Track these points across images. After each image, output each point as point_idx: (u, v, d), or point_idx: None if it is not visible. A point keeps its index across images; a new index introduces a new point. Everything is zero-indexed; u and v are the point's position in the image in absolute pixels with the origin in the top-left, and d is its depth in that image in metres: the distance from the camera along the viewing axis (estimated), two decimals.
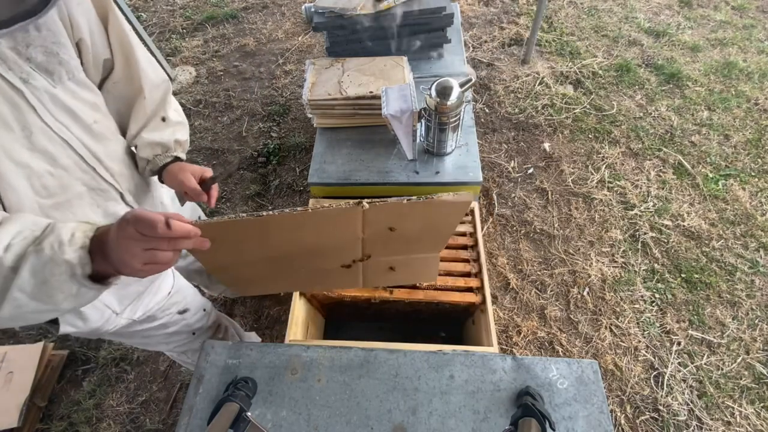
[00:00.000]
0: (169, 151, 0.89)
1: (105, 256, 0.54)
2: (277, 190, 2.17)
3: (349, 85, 1.38)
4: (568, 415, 0.71)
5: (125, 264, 0.53)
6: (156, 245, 0.52)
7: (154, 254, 0.53)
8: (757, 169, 2.09)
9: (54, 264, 0.53)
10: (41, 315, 0.58)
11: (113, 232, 0.53)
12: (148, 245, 0.52)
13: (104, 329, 0.87)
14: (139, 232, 0.51)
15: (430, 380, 0.75)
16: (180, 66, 2.82)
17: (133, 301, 0.90)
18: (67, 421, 1.56)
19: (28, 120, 0.63)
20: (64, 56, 0.68)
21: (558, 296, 1.77)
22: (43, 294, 0.54)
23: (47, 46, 0.65)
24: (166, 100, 0.89)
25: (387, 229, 0.74)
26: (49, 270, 0.53)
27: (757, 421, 1.46)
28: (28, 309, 0.55)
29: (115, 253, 0.53)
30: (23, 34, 0.62)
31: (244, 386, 0.72)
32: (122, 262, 0.53)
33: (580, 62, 2.59)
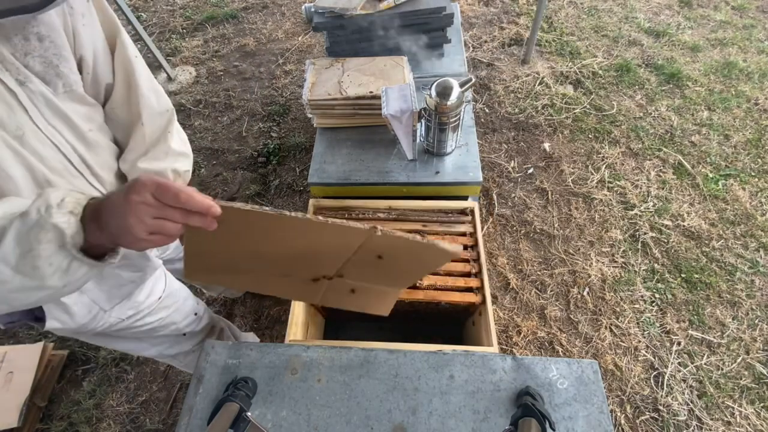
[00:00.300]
0: None
1: (102, 225, 0.51)
2: (277, 190, 2.17)
3: (349, 85, 1.38)
4: (568, 415, 0.71)
5: (129, 230, 0.49)
6: (168, 215, 0.50)
7: (163, 224, 0.50)
8: (757, 169, 2.09)
9: (40, 228, 0.49)
10: (27, 294, 0.54)
11: (119, 196, 0.50)
12: (160, 213, 0.49)
13: (91, 326, 0.85)
14: (157, 198, 0.49)
15: (430, 380, 0.75)
16: (180, 66, 2.82)
17: (123, 299, 0.89)
18: (67, 421, 1.56)
19: (20, 121, 0.62)
20: (64, 69, 0.67)
21: (558, 296, 1.77)
22: (28, 266, 0.51)
23: (47, 57, 0.64)
24: (168, 129, 0.86)
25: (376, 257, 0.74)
26: (35, 235, 0.49)
27: (757, 421, 1.46)
28: (12, 285, 0.52)
29: (119, 218, 0.49)
30: (23, 42, 0.61)
31: (244, 386, 0.72)
32: (126, 229, 0.49)
33: (580, 62, 2.59)
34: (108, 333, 0.92)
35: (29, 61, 0.62)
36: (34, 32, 0.62)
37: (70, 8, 0.66)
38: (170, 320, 1.05)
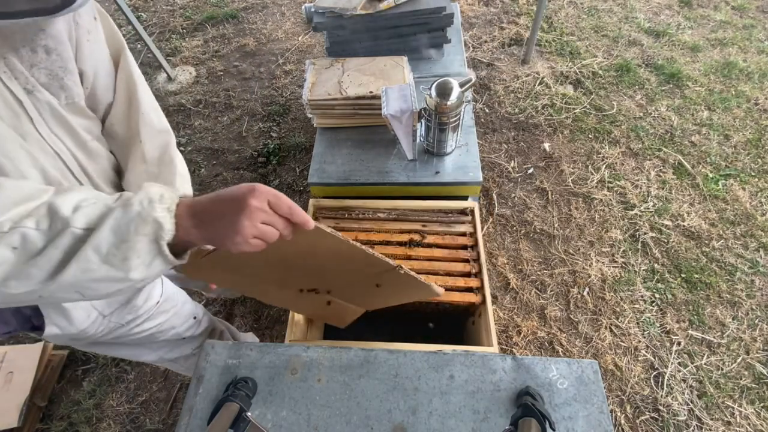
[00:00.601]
0: None
1: (202, 223, 0.53)
2: (277, 190, 2.17)
3: (349, 85, 1.38)
4: (568, 415, 0.71)
5: (240, 231, 0.52)
6: (275, 223, 0.54)
7: (268, 230, 0.54)
8: (757, 169, 2.09)
9: (141, 221, 0.51)
10: (106, 285, 0.54)
11: (232, 198, 0.53)
12: (269, 220, 0.54)
13: (90, 332, 0.85)
14: (271, 206, 0.53)
15: (430, 380, 0.75)
16: (180, 66, 2.82)
17: (121, 305, 0.89)
18: (67, 421, 1.56)
19: (24, 129, 0.63)
20: (68, 82, 0.67)
21: (558, 296, 1.77)
22: (119, 256, 0.51)
23: (53, 69, 0.65)
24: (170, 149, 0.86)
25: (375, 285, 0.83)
26: (134, 227, 0.51)
27: (757, 421, 1.46)
28: (95, 275, 0.52)
29: (231, 219, 0.52)
30: (30, 53, 0.61)
31: (244, 386, 0.72)
32: (237, 230, 0.52)
33: (580, 62, 2.59)
34: (107, 340, 0.92)
35: (34, 72, 0.63)
36: (42, 45, 0.62)
37: (76, 23, 0.66)
38: (169, 324, 1.04)
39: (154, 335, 1.01)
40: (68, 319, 0.79)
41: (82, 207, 0.51)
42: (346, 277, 0.81)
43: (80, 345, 0.91)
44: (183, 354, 1.18)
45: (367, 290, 0.89)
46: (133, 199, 0.52)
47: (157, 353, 1.12)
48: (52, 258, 0.50)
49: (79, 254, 0.50)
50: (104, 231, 0.50)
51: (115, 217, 0.51)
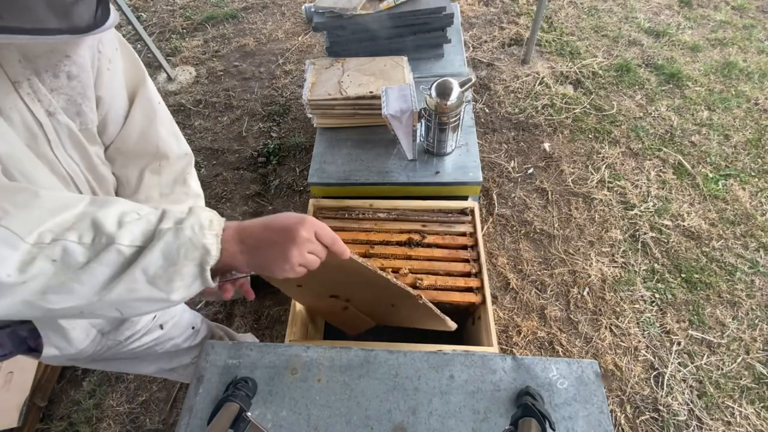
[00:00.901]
0: None
1: (248, 250, 0.56)
2: (277, 190, 2.17)
3: (349, 85, 1.38)
4: (568, 415, 0.71)
5: (288, 260, 0.55)
6: (318, 252, 0.58)
7: (311, 259, 0.58)
8: (757, 169, 2.09)
9: (192, 246, 0.52)
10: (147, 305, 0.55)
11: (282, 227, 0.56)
12: (313, 250, 0.57)
13: (89, 351, 0.84)
14: (318, 237, 0.57)
15: (430, 380, 0.75)
16: (180, 66, 2.82)
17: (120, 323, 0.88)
18: (67, 421, 1.56)
19: (40, 150, 0.63)
20: (85, 108, 0.67)
21: (558, 296, 1.77)
22: (164, 279, 0.52)
23: (72, 96, 0.65)
24: (187, 171, 0.87)
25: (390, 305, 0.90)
26: (184, 252, 0.51)
27: (757, 421, 1.46)
28: (138, 295, 0.52)
29: (280, 248, 0.55)
30: (52, 78, 0.61)
31: (244, 386, 0.72)
32: (285, 258, 0.55)
33: (580, 62, 2.59)
34: (105, 356, 0.91)
35: (54, 97, 0.63)
36: (66, 70, 0.62)
37: (99, 51, 0.67)
38: (167, 336, 1.03)
39: (153, 348, 1.01)
40: (67, 339, 0.78)
41: (125, 222, 0.51)
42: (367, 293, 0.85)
43: (78, 363, 0.90)
44: (182, 364, 1.17)
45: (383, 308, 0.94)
46: (185, 223, 0.53)
47: (155, 365, 1.11)
48: (96, 274, 0.50)
49: (127, 274, 0.50)
50: (154, 253, 0.51)
51: (166, 241, 0.51)
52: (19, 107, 0.58)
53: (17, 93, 0.58)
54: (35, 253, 0.47)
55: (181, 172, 0.86)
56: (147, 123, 0.79)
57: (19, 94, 0.58)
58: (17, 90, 0.58)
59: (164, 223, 0.53)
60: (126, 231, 0.51)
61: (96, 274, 0.50)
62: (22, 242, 0.46)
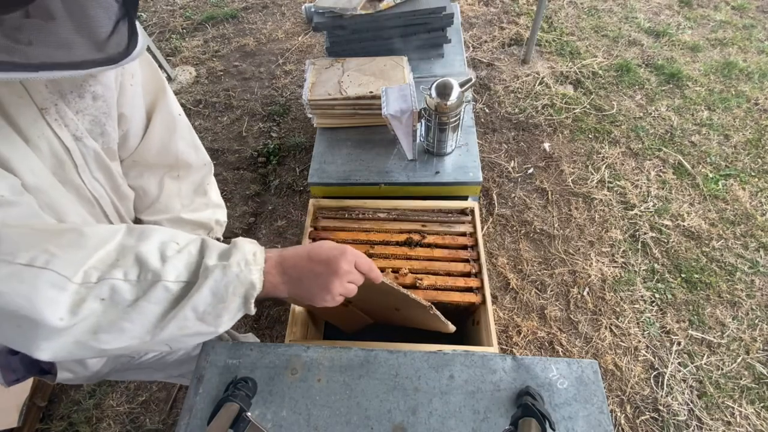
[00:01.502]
0: (211, 233, 0.88)
1: (291, 281, 0.57)
2: (277, 190, 2.17)
3: (349, 85, 1.38)
4: (568, 415, 0.71)
5: (330, 291, 0.58)
6: (356, 281, 0.60)
7: (350, 287, 0.60)
8: (757, 169, 2.09)
9: (239, 283, 0.52)
10: (192, 339, 0.55)
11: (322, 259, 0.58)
12: (352, 279, 0.60)
13: (103, 372, 0.85)
14: (358, 268, 0.60)
15: (430, 380, 0.75)
16: (180, 66, 2.82)
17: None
18: (67, 421, 1.56)
19: (66, 176, 0.62)
20: (108, 128, 0.67)
21: (558, 296, 1.77)
22: (213, 315, 0.53)
23: (97, 116, 0.64)
24: (207, 181, 0.88)
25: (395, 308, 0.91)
26: (232, 289, 0.52)
27: (757, 421, 1.46)
28: (188, 331, 0.52)
29: (322, 279, 0.57)
30: (77, 99, 0.61)
31: (244, 386, 0.72)
32: (328, 290, 0.57)
33: (580, 62, 2.59)
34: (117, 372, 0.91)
35: (79, 118, 0.62)
36: (91, 90, 0.62)
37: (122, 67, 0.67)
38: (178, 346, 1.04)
39: (164, 358, 1.01)
40: (82, 364, 0.78)
41: (168, 256, 0.52)
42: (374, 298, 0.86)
43: (92, 381, 0.90)
44: (190, 369, 1.17)
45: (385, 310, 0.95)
46: (231, 259, 0.53)
47: (165, 372, 1.11)
48: (146, 312, 0.50)
49: (178, 312, 0.50)
50: (204, 292, 0.51)
51: (215, 279, 0.51)
52: (46, 135, 0.58)
53: (44, 120, 0.57)
54: (84, 293, 0.47)
55: (200, 183, 0.87)
56: (167, 136, 0.79)
57: (46, 121, 0.57)
58: (44, 117, 0.57)
59: (208, 258, 0.53)
60: (170, 266, 0.51)
61: (145, 312, 0.50)
62: (70, 283, 0.46)
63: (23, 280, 0.44)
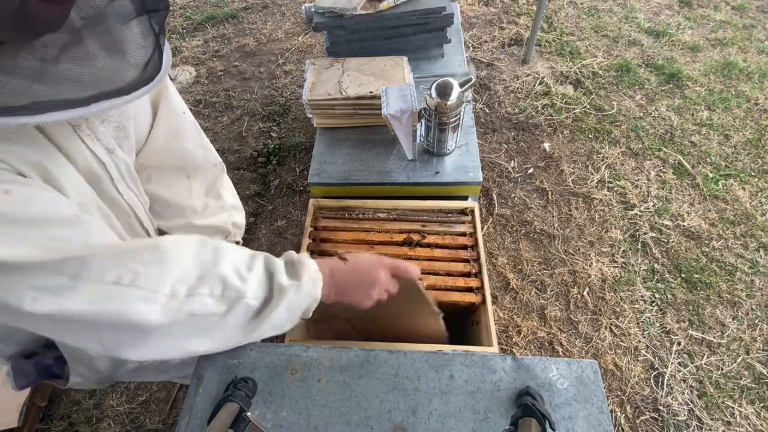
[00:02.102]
0: (229, 237, 0.88)
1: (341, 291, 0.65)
2: (277, 190, 2.17)
3: (349, 85, 1.38)
4: (568, 415, 0.71)
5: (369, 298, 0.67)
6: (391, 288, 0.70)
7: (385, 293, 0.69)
8: (757, 169, 2.09)
9: (310, 299, 0.60)
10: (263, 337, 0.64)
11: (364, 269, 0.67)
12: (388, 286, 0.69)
13: (113, 376, 0.85)
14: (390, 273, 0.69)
15: (430, 380, 0.75)
16: (180, 66, 2.82)
17: None
18: (67, 421, 1.56)
19: (104, 190, 0.63)
20: (131, 131, 0.68)
21: (558, 296, 1.77)
22: (286, 326, 0.62)
23: (121, 122, 0.65)
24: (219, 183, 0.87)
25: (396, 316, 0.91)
26: (303, 304, 0.60)
27: (757, 421, 1.46)
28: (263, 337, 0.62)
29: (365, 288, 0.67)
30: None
31: (244, 386, 0.72)
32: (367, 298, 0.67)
33: (580, 62, 2.59)
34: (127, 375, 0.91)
35: (105, 127, 0.62)
36: None
37: None
38: None
39: (170, 360, 1.00)
40: (93, 368, 0.78)
41: (244, 276, 0.57)
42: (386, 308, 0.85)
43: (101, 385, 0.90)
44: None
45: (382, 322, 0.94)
46: (303, 279, 0.60)
47: (169, 374, 1.11)
48: (231, 324, 0.57)
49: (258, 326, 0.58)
50: (281, 309, 0.58)
51: (290, 297, 0.58)
52: (82, 151, 0.58)
53: (78, 136, 0.58)
54: (174, 305, 0.51)
55: (212, 185, 0.85)
56: (172, 136, 0.78)
57: (80, 137, 0.58)
58: (78, 133, 0.57)
59: (280, 277, 0.59)
60: (249, 285, 0.56)
61: (230, 323, 0.57)
62: (159, 295, 0.50)
63: (113, 297, 0.47)
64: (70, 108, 0.42)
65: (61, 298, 0.46)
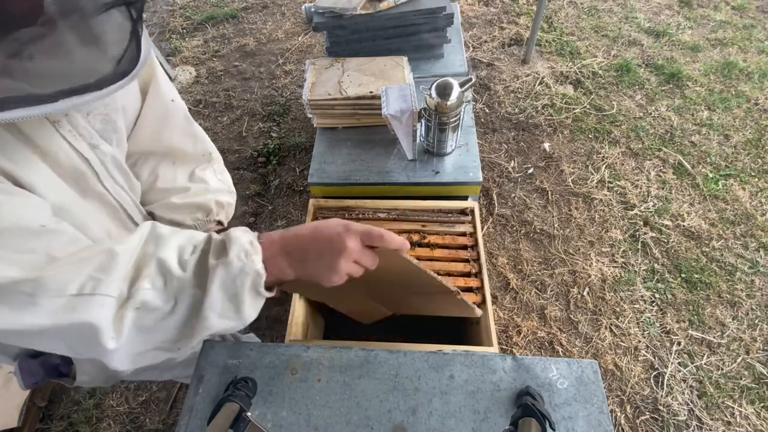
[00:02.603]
0: (210, 215, 0.83)
1: (297, 262, 0.55)
2: (277, 190, 2.17)
3: (349, 85, 1.38)
4: (568, 415, 0.71)
5: (336, 271, 0.54)
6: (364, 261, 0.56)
7: (357, 267, 0.56)
8: (757, 169, 2.09)
9: (245, 275, 0.52)
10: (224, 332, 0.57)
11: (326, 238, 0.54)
12: (359, 257, 0.55)
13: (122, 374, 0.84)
14: (364, 243, 0.55)
15: (430, 380, 0.75)
16: (180, 66, 2.82)
17: None
18: (67, 421, 1.56)
19: (90, 187, 0.61)
20: (119, 123, 0.66)
21: (558, 296, 1.77)
22: (232, 310, 0.53)
23: (108, 113, 0.63)
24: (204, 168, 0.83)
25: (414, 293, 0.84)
26: (241, 282, 0.52)
27: (757, 421, 1.46)
28: (215, 329, 0.54)
29: (328, 259, 0.54)
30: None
31: (244, 386, 0.72)
32: (333, 269, 0.54)
33: (580, 62, 2.59)
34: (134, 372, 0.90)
35: (90, 120, 0.60)
36: None
37: None
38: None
39: (174, 358, 0.99)
40: (101, 367, 0.78)
41: (185, 261, 0.52)
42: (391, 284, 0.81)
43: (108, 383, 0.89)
44: None
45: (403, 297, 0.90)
46: (231, 254, 0.52)
47: (171, 373, 1.10)
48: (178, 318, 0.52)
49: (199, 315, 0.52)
50: (213, 293, 0.51)
51: (220, 277, 0.51)
52: (63, 148, 0.56)
53: (59, 133, 0.56)
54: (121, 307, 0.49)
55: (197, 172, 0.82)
56: (159, 124, 0.75)
57: (61, 134, 0.56)
58: (58, 130, 0.56)
59: (211, 257, 0.53)
60: (189, 270, 0.52)
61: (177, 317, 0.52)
62: (109, 298, 0.48)
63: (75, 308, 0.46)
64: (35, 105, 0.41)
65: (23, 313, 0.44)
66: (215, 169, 0.87)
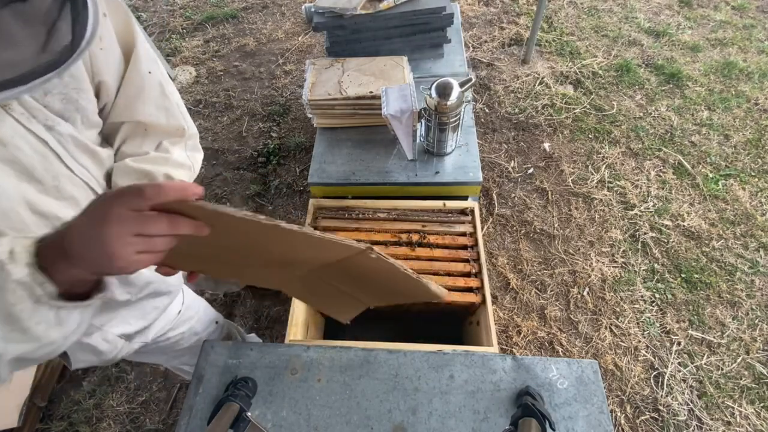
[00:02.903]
0: None
1: (75, 261, 0.43)
2: (277, 190, 2.17)
3: (349, 85, 1.38)
4: (568, 415, 0.71)
5: (116, 256, 0.41)
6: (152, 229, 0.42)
7: (148, 241, 0.42)
8: (757, 169, 2.09)
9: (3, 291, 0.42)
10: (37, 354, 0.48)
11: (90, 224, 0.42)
12: (141, 228, 0.41)
13: (119, 357, 0.84)
14: (130, 208, 0.41)
15: (430, 380, 0.75)
16: (180, 66, 2.82)
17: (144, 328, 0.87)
18: (67, 421, 1.56)
19: (55, 170, 0.59)
20: (83, 102, 0.63)
21: (558, 296, 1.77)
22: (17, 330, 0.44)
23: (67, 93, 0.60)
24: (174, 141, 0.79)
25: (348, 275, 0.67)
26: (3, 299, 0.42)
27: (757, 421, 1.46)
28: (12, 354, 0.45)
29: (97, 246, 0.41)
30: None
31: (244, 386, 0.72)
32: (111, 255, 0.41)
33: (580, 62, 2.59)
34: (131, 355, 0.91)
35: (48, 100, 0.57)
36: None
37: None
38: (192, 332, 1.03)
39: (179, 343, 1.01)
40: (96, 353, 0.78)
41: None
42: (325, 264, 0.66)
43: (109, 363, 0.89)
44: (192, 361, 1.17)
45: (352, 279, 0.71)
46: None
47: (179, 359, 1.11)
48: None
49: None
50: None
51: None
52: (19, 132, 0.53)
53: (12, 117, 0.53)
54: None
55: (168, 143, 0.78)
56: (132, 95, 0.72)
57: (14, 117, 0.53)
58: (10, 114, 0.52)
59: None
60: None
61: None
62: None
63: None
64: None
65: None
66: (187, 145, 0.83)
